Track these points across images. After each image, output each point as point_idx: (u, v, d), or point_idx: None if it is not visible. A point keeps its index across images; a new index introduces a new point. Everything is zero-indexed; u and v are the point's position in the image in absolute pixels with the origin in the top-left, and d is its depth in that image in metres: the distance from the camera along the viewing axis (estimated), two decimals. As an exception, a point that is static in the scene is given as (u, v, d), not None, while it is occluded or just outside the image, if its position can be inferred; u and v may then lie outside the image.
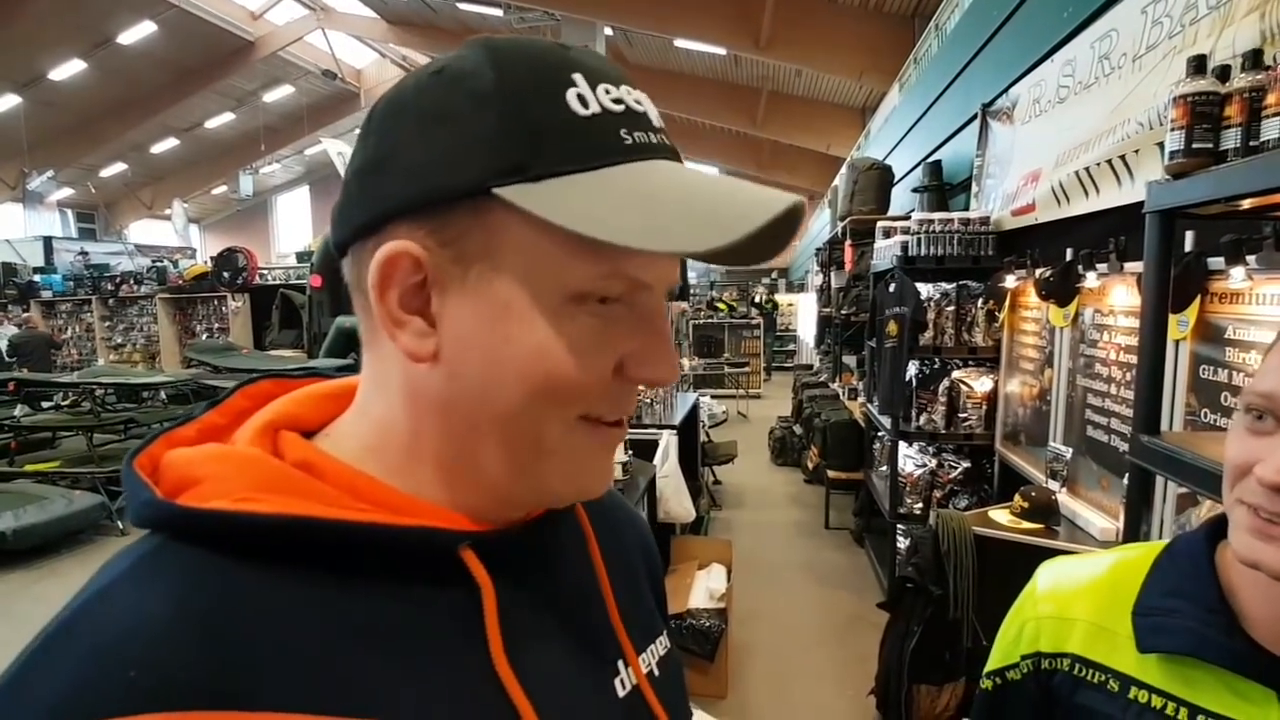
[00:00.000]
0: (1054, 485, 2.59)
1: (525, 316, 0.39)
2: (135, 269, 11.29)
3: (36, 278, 11.42)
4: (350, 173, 0.43)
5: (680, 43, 13.15)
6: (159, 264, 10.89)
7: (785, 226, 0.39)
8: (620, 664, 0.50)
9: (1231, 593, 0.66)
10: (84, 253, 12.76)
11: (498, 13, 12.11)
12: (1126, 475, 1.70)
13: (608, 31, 12.36)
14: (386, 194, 0.40)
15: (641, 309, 0.43)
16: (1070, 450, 2.57)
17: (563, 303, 0.40)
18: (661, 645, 0.56)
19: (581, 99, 0.39)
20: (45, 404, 7.06)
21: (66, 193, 20.39)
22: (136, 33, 13.94)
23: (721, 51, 13.09)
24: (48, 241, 12.82)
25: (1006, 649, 0.81)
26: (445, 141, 0.39)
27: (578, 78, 0.40)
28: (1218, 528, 0.70)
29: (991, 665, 0.83)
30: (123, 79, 15.45)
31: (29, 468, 6.01)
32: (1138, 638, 0.68)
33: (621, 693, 0.49)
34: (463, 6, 13.93)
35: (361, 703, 0.36)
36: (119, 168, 19.79)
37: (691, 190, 0.40)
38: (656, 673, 0.54)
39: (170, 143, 19.14)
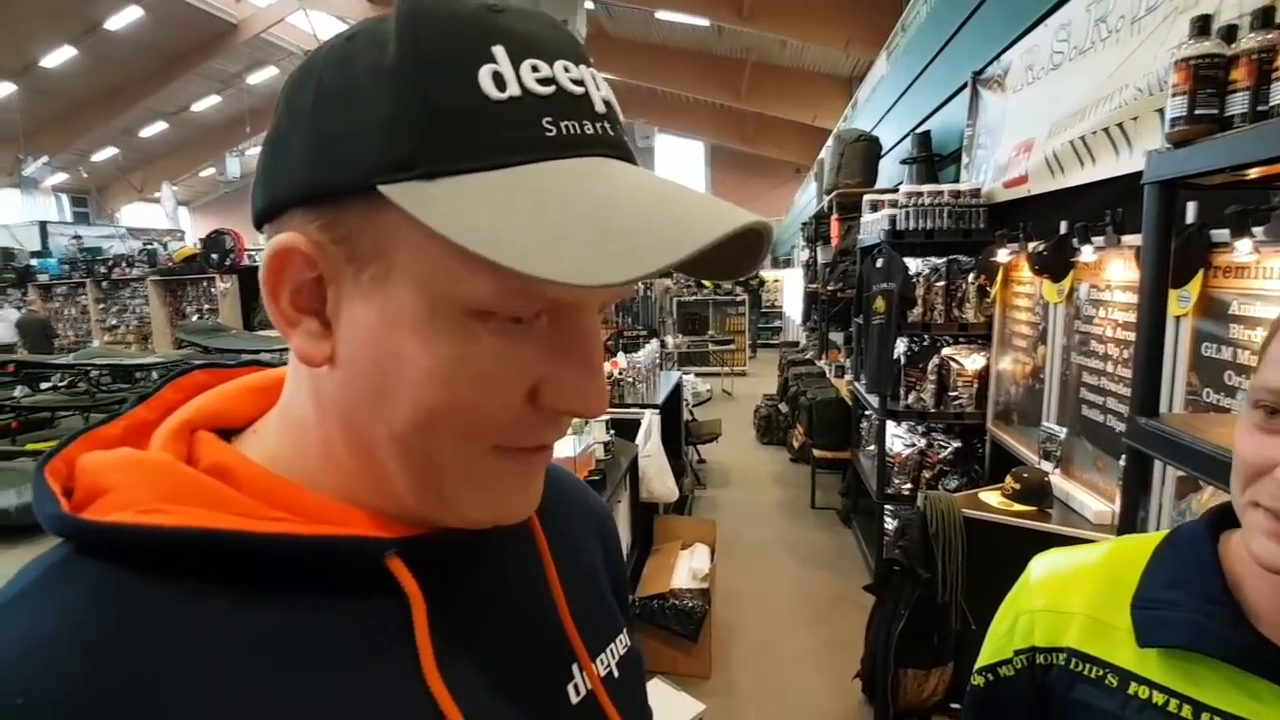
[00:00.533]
0: (1047, 466, 2.53)
1: (419, 332, 0.35)
2: (127, 252, 11.43)
3: (33, 262, 11.49)
4: (262, 146, 0.39)
5: (662, 14, 12.92)
6: (149, 246, 11.06)
7: (748, 246, 0.34)
8: (575, 669, 0.48)
9: (1236, 584, 0.63)
10: (78, 237, 12.94)
11: (476, -17, 11.79)
12: (1123, 458, 1.64)
13: (589, 4, 12.08)
14: (280, 180, 0.36)
15: (566, 329, 0.37)
16: (1065, 430, 2.51)
17: (463, 318, 0.35)
18: (621, 644, 0.53)
19: (498, 78, 0.33)
20: (44, 385, 7.15)
21: (61, 177, 20.73)
22: (123, 18, 14.02)
23: (704, 23, 12.87)
24: (43, 226, 12.97)
25: (999, 644, 0.78)
26: (338, 125, 0.34)
27: (498, 50, 0.33)
28: (1221, 516, 0.67)
29: (983, 661, 0.79)
30: (111, 64, 15.60)
31: (30, 446, 6.07)
32: (1137, 631, 0.65)
33: (575, 699, 0.47)
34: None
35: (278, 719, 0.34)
36: (110, 152, 19.99)
37: (623, 199, 0.33)
38: (616, 674, 0.51)
39: (159, 126, 19.37)
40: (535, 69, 0.34)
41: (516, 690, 0.43)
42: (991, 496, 2.49)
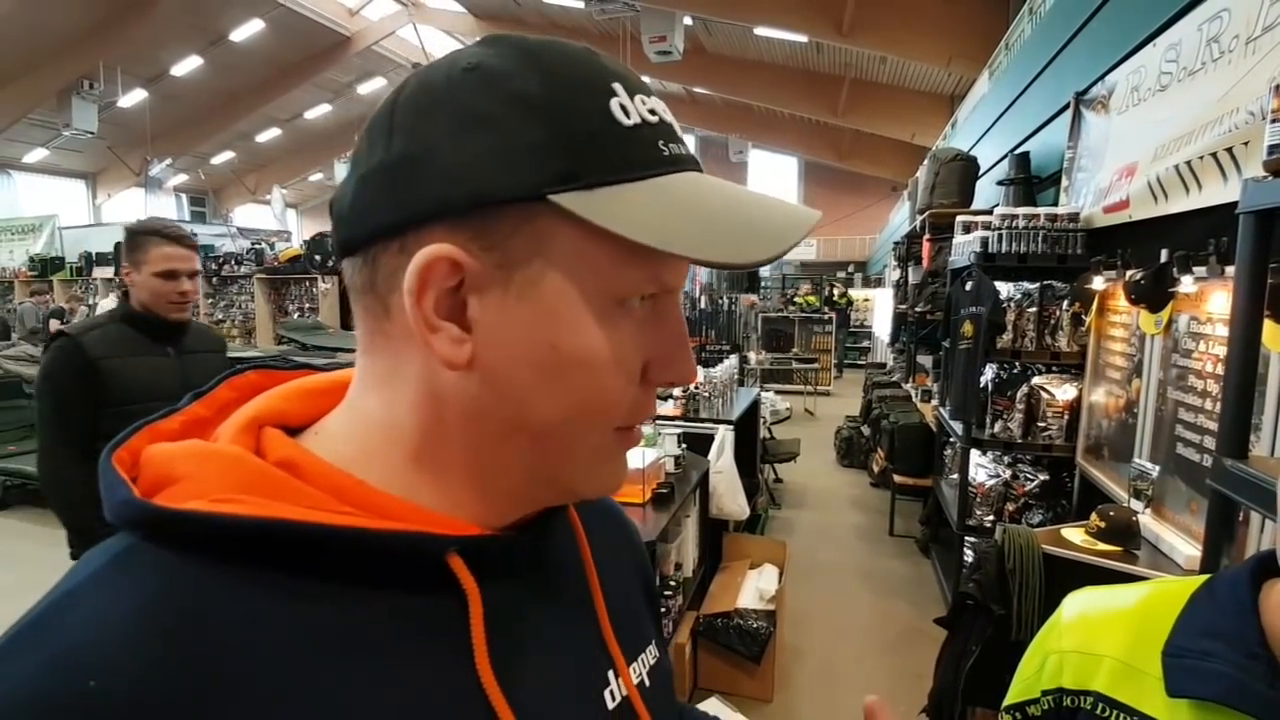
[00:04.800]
0: (1137, 505, 2.40)
1: (573, 324, 0.39)
2: (236, 250, 11.99)
3: None
4: (369, 169, 0.40)
5: (760, 30, 12.90)
6: (257, 246, 11.54)
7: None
8: (611, 674, 0.49)
9: (1276, 638, 0.60)
10: (193, 234, 13.69)
11: (579, 4, 12.16)
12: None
13: (687, 20, 12.23)
14: (422, 195, 0.38)
15: (664, 310, 0.43)
16: (1157, 468, 2.37)
17: (609, 306, 0.40)
18: (651, 654, 0.55)
19: (624, 109, 0.40)
20: None
21: (181, 178, 22.24)
22: (247, 29, 15.15)
23: (802, 39, 12.77)
24: None
25: (1028, 682, 0.77)
26: (491, 145, 0.38)
27: (618, 87, 0.40)
28: (1265, 563, 0.64)
29: (1011, 699, 0.78)
30: (233, 73, 16.84)
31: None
32: (1167, 679, 0.63)
33: (611, 704, 0.48)
34: (546, 0, 14.09)
35: (341, 708, 0.35)
36: (227, 155, 21.48)
37: (730, 203, 0.41)
38: (647, 683, 0.52)
39: (273, 132, 20.72)
40: (643, 101, 0.41)
41: (561, 691, 0.45)
42: (1075, 534, 2.38)
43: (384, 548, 0.38)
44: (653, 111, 0.41)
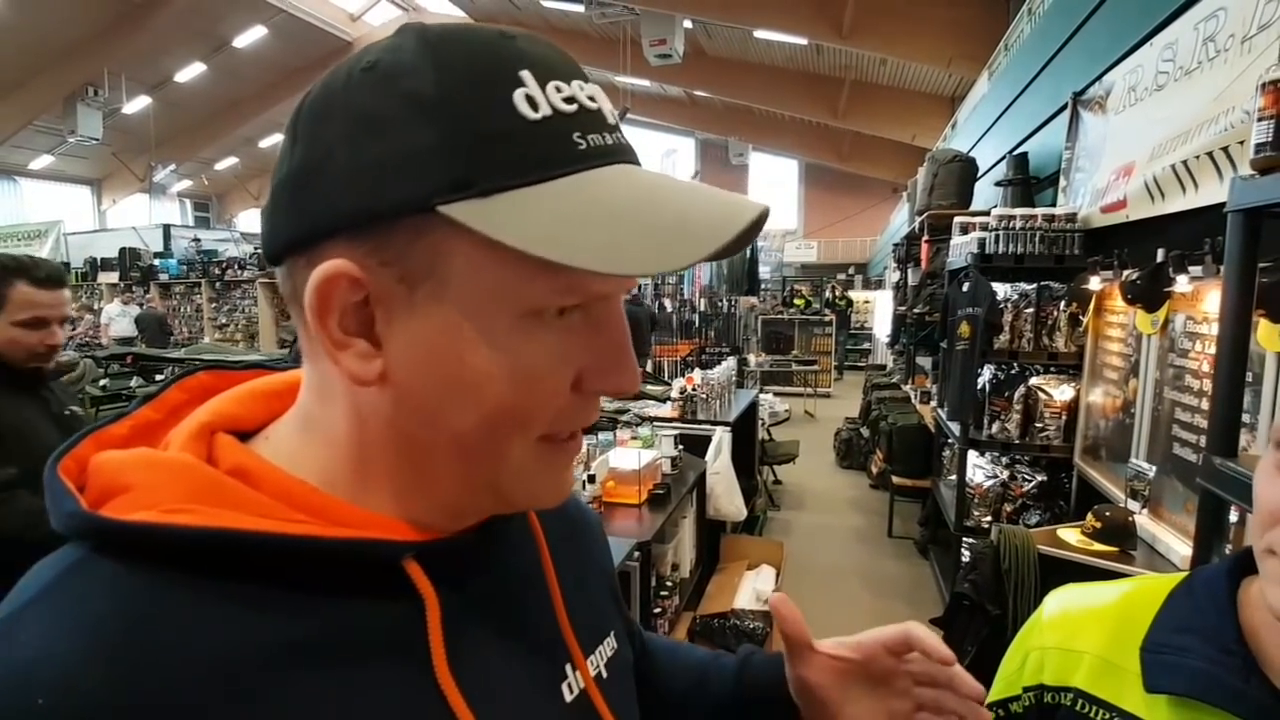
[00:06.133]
0: (1134, 505, 2.39)
1: (479, 338, 0.37)
2: (240, 255, 12.10)
3: (156, 262, 12.40)
4: (277, 180, 0.39)
5: (760, 33, 12.92)
6: (260, 250, 11.57)
7: (750, 229, 0.36)
8: (569, 667, 0.49)
9: (1252, 634, 0.60)
10: (196, 239, 13.85)
11: (579, 8, 12.20)
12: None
13: (687, 24, 12.25)
14: (318, 209, 0.37)
15: (599, 317, 0.40)
16: (1154, 468, 2.37)
17: (518, 320, 0.37)
18: (609, 646, 0.55)
19: (530, 100, 0.36)
20: (158, 377, 7.75)
21: (185, 184, 22.41)
22: (249, 36, 15.28)
23: (802, 41, 12.79)
24: (166, 229, 14.00)
25: (1010, 679, 0.77)
26: (381, 153, 0.35)
27: (525, 75, 0.36)
28: (1244, 561, 0.64)
29: (993, 696, 0.78)
30: (236, 79, 17.00)
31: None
32: (1145, 675, 0.63)
33: (569, 697, 0.48)
34: (546, 4, 14.12)
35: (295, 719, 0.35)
36: (231, 161, 21.64)
37: (652, 199, 0.37)
38: (605, 674, 0.52)
39: (276, 138, 20.84)
40: (559, 89, 0.37)
41: (520, 689, 0.45)
42: (1070, 534, 2.38)
43: (337, 555, 0.38)
44: (570, 100, 0.37)
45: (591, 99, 0.39)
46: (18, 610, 0.34)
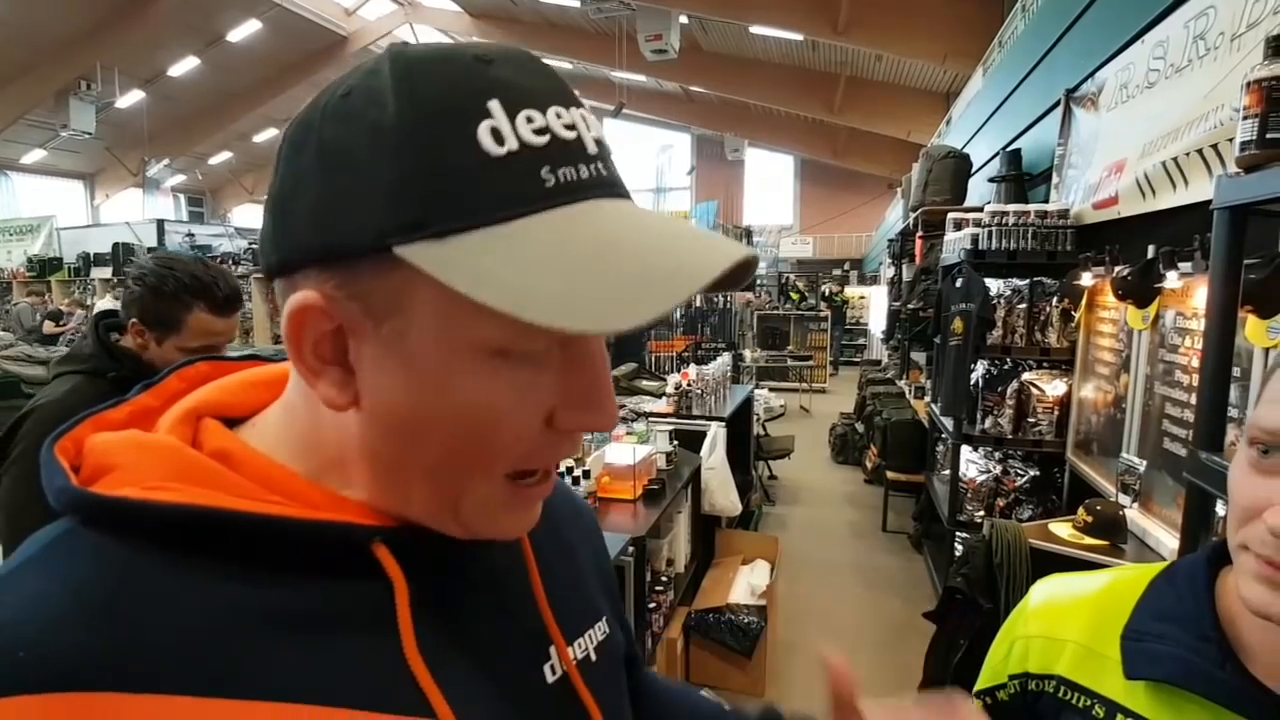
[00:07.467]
0: (1125, 499, 2.42)
1: (443, 375, 0.37)
2: (234, 250, 12.01)
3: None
4: (267, 201, 0.40)
5: (756, 29, 12.89)
6: (254, 246, 11.55)
7: (739, 269, 0.36)
8: (551, 650, 0.50)
9: (1230, 621, 0.62)
10: (190, 234, 13.75)
11: (575, 4, 12.13)
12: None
13: (683, 19, 12.22)
14: (291, 239, 0.38)
15: (576, 353, 0.40)
16: (1144, 463, 2.39)
17: (484, 359, 0.37)
18: (600, 631, 0.56)
19: (496, 134, 0.35)
20: None
21: (179, 179, 22.14)
22: (243, 30, 15.07)
23: (798, 37, 12.77)
24: (160, 224, 13.90)
25: (996, 668, 0.78)
26: (345, 187, 0.35)
27: (494, 106, 0.35)
28: (1223, 550, 0.64)
29: (980, 684, 0.80)
30: (230, 73, 16.74)
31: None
32: (1124, 662, 0.65)
33: (551, 679, 0.49)
34: (542, -2, 14.06)
35: (264, 687, 0.36)
36: (225, 156, 21.41)
37: (618, 243, 0.35)
38: (593, 658, 0.53)
39: (270, 133, 20.57)
40: (530, 120, 0.35)
41: (495, 670, 0.46)
42: (1062, 528, 2.40)
43: (308, 536, 0.39)
44: (543, 131, 0.36)
45: (570, 127, 0.37)
46: (8, 573, 0.36)
